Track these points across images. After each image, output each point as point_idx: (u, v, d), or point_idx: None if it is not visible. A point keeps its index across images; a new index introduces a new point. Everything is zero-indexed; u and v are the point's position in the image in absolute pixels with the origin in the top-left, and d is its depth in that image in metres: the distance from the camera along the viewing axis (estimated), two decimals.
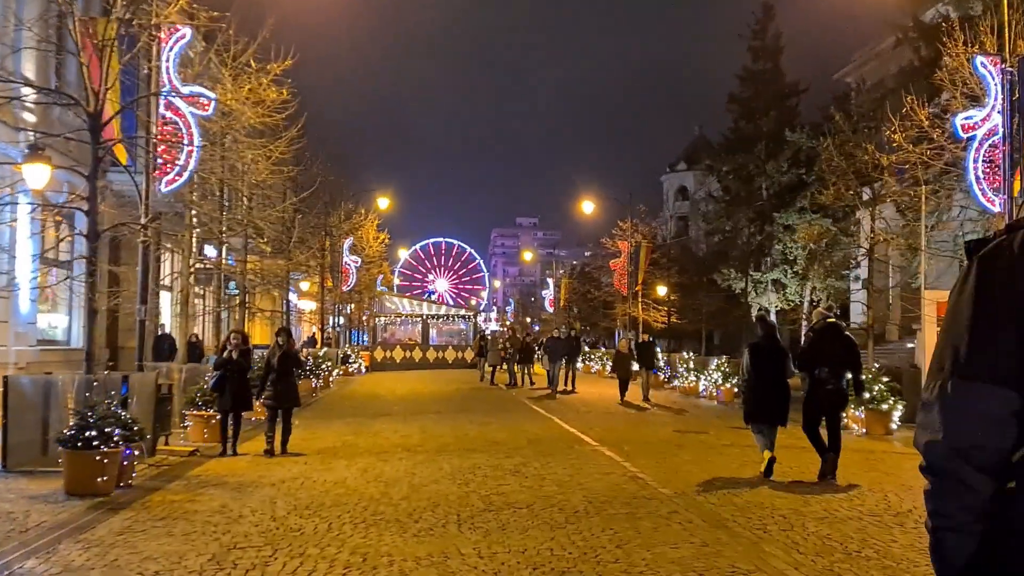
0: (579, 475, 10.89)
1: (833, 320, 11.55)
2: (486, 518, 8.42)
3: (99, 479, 9.71)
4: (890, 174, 18.85)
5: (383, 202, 44.29)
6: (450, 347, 49.30)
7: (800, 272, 43.91)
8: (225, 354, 13.07)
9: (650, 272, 40.95)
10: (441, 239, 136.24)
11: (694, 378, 26.38)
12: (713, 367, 25.50)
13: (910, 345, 34.49)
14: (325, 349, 34.20)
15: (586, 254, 78.79)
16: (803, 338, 12.05)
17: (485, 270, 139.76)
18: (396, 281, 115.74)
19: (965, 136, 14.28)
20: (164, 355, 18.63)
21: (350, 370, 40.45)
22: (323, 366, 29.77)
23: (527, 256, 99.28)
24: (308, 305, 48.44)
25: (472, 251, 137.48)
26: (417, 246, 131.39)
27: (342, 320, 59.45)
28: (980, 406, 1.62)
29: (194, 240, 33.77)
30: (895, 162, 15.86)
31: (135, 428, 10.54)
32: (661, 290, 41.61)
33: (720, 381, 23.86)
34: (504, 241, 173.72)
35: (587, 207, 43.44)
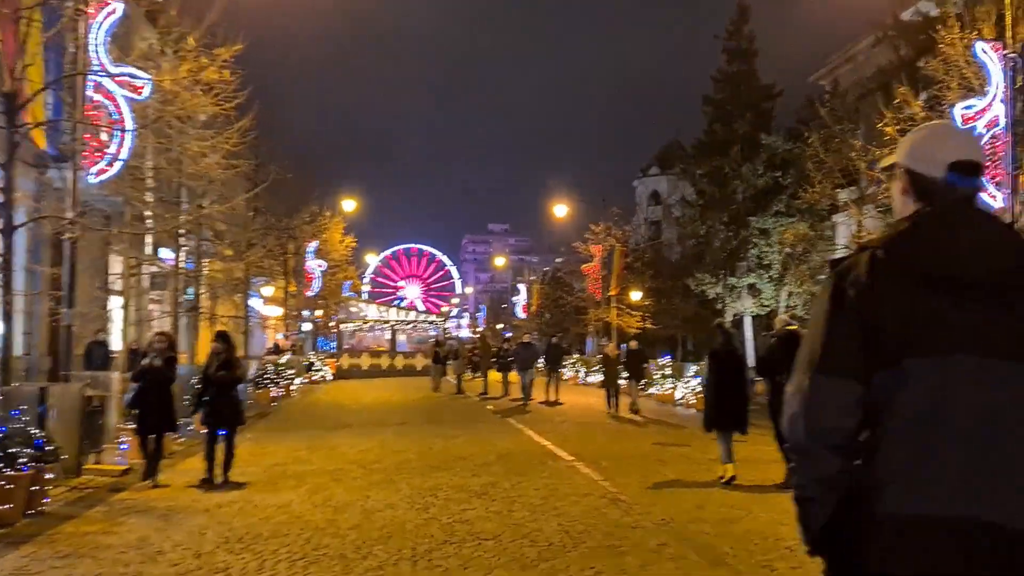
0: (553, 497, 9.72)
1: (795, 327, 11.35)
2: (446, 553, 7.25)
3: (2, 507, 8.45)
4: (871, 172, 17.99)
5: (349, 204, 42.91)
6: (419, 354, 48.00)
7: (776, 277, 43.13)
8: (146, 361, 11.06)
9: (624, 277, 39.94)
10: (412, 245, 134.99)
11: (671, 385, 25.36)
12: (691, 373, 24.49)
13: None
14: (287, 356, 32.82)
15: (557, 260, 77.85)
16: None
17: (456, 276, 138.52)
18: (366, 288, 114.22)
19: (965, 128, 13.32)
20: (96, 364, 17.22)
21: (315, 378, 39.11)
22: (285, 374, 28.45)
23: (498, 262, 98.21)
24: (274, 311, 47.05)
25: (443, 257, 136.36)
26: (387, 252, 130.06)
27: (309, 326, 58.09)
28: (832, 395, 2.05)
29: (148, 242, 32.40)
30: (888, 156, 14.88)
31: (49, 448, 9.28)
32: (635, 295, 40.52)
33: (699, 389, 22.84)
34: (475, 247, 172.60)
35: (559, 210, 42.38)
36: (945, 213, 2.12)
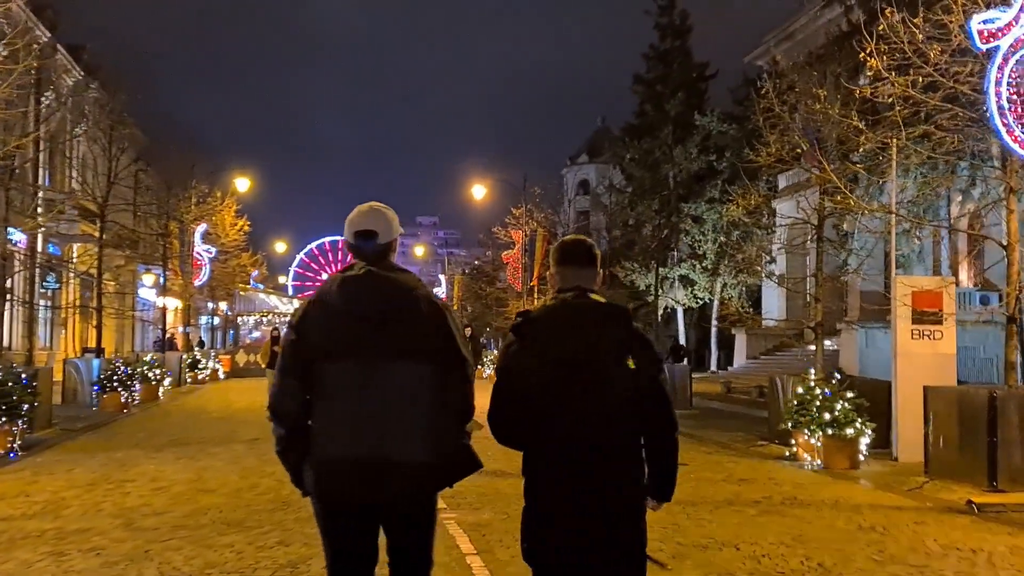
0: None
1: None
2: None
3: None
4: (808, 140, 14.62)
5: (242, 184, 38.36)
6: (253, 353, 43.18)
7: (710, 267, 40.10)
8: None
9: (547, 265, 36.40)
10: (337, 237, 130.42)
11: None
12: None
13: (828, 345, 30.66)
14: (152, 354, 28.35)
15: (487, 253, 74.51)
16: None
17: None
18: (290, 281, 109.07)
19: (984, 47, 9.91)
20: None
21: (200, 377, 34.68)
22: (148, 375, 24.06)
23: (418, 251, 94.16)
24: (171, 303, 42.44)
25: None
26: (313, 244, 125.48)
27: (208, 319, 53.41)
28: (284, 389, 3.42)
29: None
30: (875, 95, 11.44)
31: None
32: None
33: None
34: (404, 240, 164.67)
35: (478, 192, 38.44)
36: (354, 268, 3.44)
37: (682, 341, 42.28)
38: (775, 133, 15.10)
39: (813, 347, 32.10)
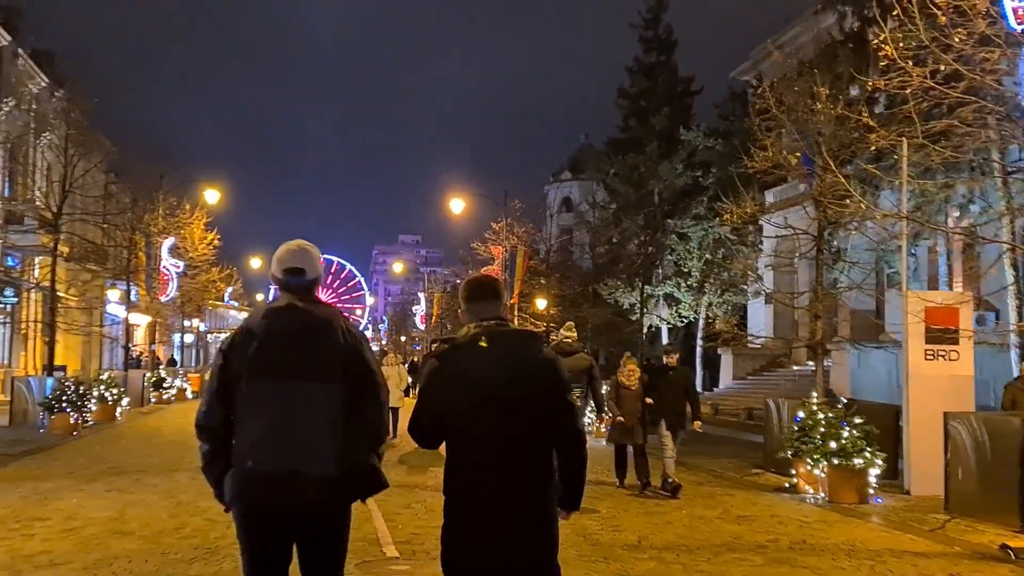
0: None
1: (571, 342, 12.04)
2: None
3: None
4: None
5: (212, 196, 36.82)
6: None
7: (695, 286, 38.97)
8: None
9: (527, 282, 35.04)
10: (323, 256, 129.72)
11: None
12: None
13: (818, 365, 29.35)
14: (109, 372, 26.80)
15: (468, 271, 73.31)
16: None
17: (365, 288, 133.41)
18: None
19: (1019, 27, 8.77)
20: None
21: (165, 396, 33.09)
22: (106, 394, 22.52)
23: (396, 268, 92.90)
24: (141, 319, 40.97)
25: (352, 268, 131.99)
26: None
27: (180, 336, 51.90)
28: (209, 408, 3.76)
29: None
30: (888, 87, 10.28)
31: None
32: (540, 303, 35.56)
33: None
34: (386, 258, 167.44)
35: (457, 206, 37.12)
36: (281, 299, 3.85)
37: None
38: (771, 136, 13.90)
39: (800, 367, 31.08)
